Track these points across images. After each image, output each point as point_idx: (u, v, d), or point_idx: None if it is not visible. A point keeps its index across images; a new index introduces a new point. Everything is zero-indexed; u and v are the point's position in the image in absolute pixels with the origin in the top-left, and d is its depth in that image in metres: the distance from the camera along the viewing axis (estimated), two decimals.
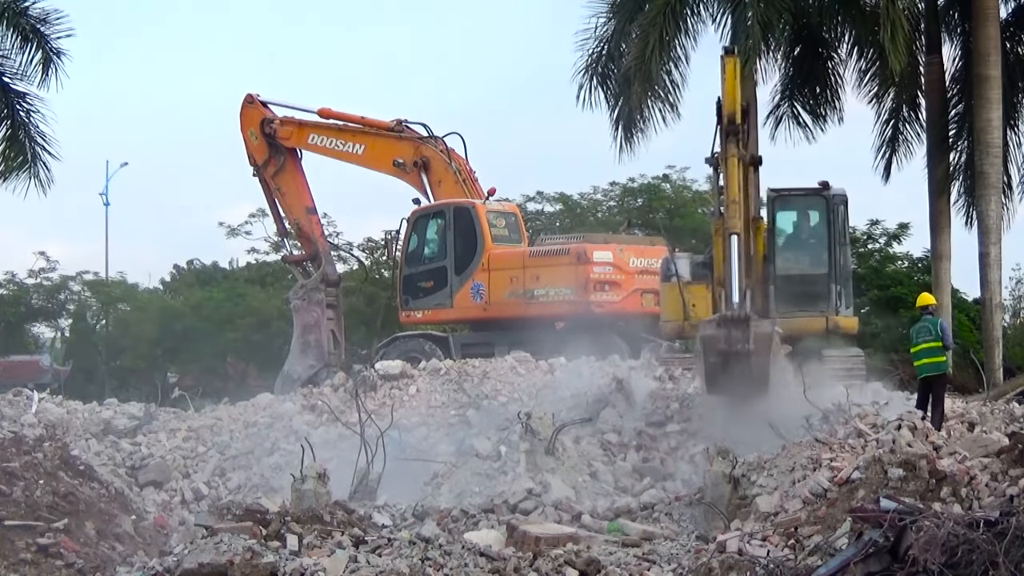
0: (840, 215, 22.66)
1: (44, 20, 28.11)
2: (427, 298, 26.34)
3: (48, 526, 13.35)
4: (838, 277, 22.40)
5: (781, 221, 22.75)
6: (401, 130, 27.23)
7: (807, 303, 22.29)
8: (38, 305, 47.11)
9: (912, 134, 34.00)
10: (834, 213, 22.49)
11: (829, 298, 22.24)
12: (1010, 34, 33.21)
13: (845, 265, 22.77)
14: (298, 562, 11.35)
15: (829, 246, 22.46)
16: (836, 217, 22.50)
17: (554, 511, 15.06)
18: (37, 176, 28.23)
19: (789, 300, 22.29)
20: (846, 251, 23.05)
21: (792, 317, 22.13)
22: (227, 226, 46.22)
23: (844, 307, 22.48)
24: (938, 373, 18.19)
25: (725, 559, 11.18)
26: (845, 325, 22.45)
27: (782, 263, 22.41)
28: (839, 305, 22.29)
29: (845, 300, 22.56)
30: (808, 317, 22.22)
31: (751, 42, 28.98)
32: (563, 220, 44.06)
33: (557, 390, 20.25)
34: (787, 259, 22.57)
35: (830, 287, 22.27)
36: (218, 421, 21.36)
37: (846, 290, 22.63)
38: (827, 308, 22.24)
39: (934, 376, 18.20)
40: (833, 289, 22.27)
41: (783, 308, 22.20)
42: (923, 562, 9.21)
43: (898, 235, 41.60)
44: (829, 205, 22.54)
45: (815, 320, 22.23)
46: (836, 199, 22.63)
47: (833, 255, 22.42)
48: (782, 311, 22.17)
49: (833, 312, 22.21)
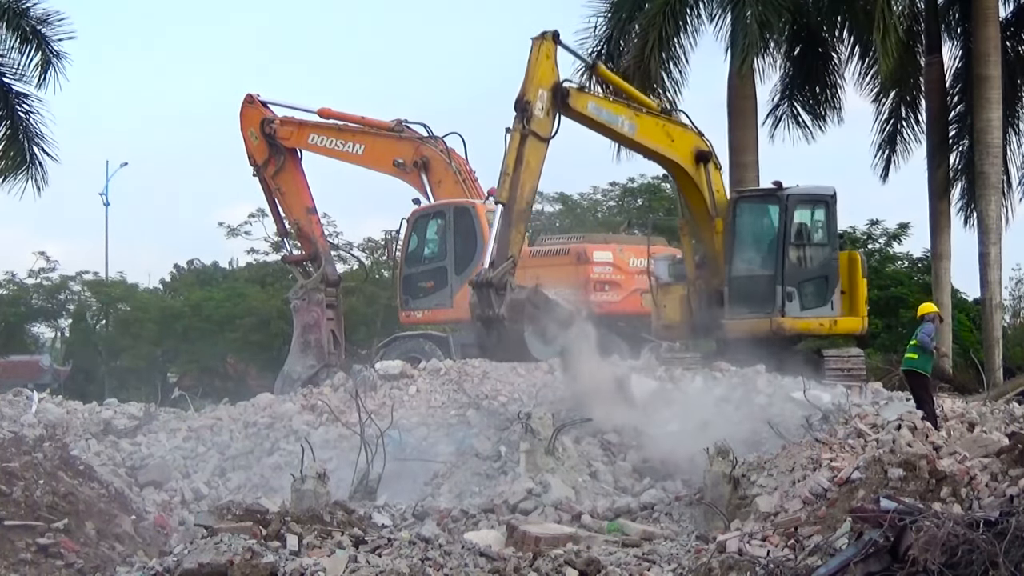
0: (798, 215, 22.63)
1: (45, 21, 28.12)
2: (427, 298, 26.34)
3: (48, 526, 13.34)
4: (786, 278, 22.28)
5: (739, 222, 22.73)
6: (401, 130, 27.21)
7: (756, 305, 22.29)
8: (38, 305, 47.10)
9: (912, 134, 34.07)
10: (787, 214, 22.44)
11: (774, 300, 22.19)
12: (1010, 34, 33.24)
13: (800, 266, 22.60)
14: (298, 562, 11.34)
15: (778, 247, 22.40)
16: (789, 218, 22.44)
17: (554, 511, 15.06)
18: (34, 177, 28.26)
19: (741, 301, 22.33)
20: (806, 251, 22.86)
21: (743, 319, 22.20)
22: (227, 226, 46.27)
23: (799, 308, 22.33)
24: (907, 369, 18.13)
25: (725, 559, 11.17)
26: (791, 327, 22.32)
27: (737, 264, 22.44)
28: (784, 307, 22.17)
29: (802, 300, 22.40)
30: (755, 319, 22.25)
31: (749, 41, 29.02)
32: (563, 220, 44.08)
33: (557, 390, 20.24)
34: (741, 260, 22.59)
35: (775, 289, 22.20)
36: (218, 421, 21.34)
37: (801, 291, 22.47)
38: (772, 310, 22.19)
39: (905, 371, 18.22)
40: (779, 291, 22.18)
41: (737, 309, 22.25)
42: (923, 562, 9.21)
43: (898, 235, 41.66)
44: (783, 206, 22.53)
45: (761, 322, 22.24)
46: (791, 199, 22.63)
47: (781, 256, 22.34)
48: (736, 312, 22.23)
49: (778, 314, 22.15)
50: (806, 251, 22.85)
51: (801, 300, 22.38)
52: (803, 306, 22.39)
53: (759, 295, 22.28)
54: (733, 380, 19.81)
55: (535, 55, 20.73)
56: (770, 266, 22.41)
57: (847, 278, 22.96)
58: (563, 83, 20.99)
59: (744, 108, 31.54)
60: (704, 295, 22.62)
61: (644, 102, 22.71)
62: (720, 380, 19.89)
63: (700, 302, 22.61)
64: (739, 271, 22.41)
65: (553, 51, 20.97)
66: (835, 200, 23.00)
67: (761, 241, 22.77)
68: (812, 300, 22.57)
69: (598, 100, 21.86)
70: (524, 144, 20.41)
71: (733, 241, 22.46)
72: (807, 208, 22.94)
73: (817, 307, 22.57)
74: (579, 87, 21.31)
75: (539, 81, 20.56)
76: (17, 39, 28.05)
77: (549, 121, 20.73)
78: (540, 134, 20.43)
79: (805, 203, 22.94)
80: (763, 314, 22.19)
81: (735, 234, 22.53)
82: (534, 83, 20.52)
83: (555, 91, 20.69)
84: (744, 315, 22.23)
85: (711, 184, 22.17)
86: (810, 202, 23.02)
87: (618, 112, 21.84)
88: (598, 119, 21.62)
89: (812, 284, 22.72)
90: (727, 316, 22.35)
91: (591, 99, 21.71)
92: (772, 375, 19.93)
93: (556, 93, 20.70)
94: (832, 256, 22.89)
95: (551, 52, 20.90)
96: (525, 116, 20.29)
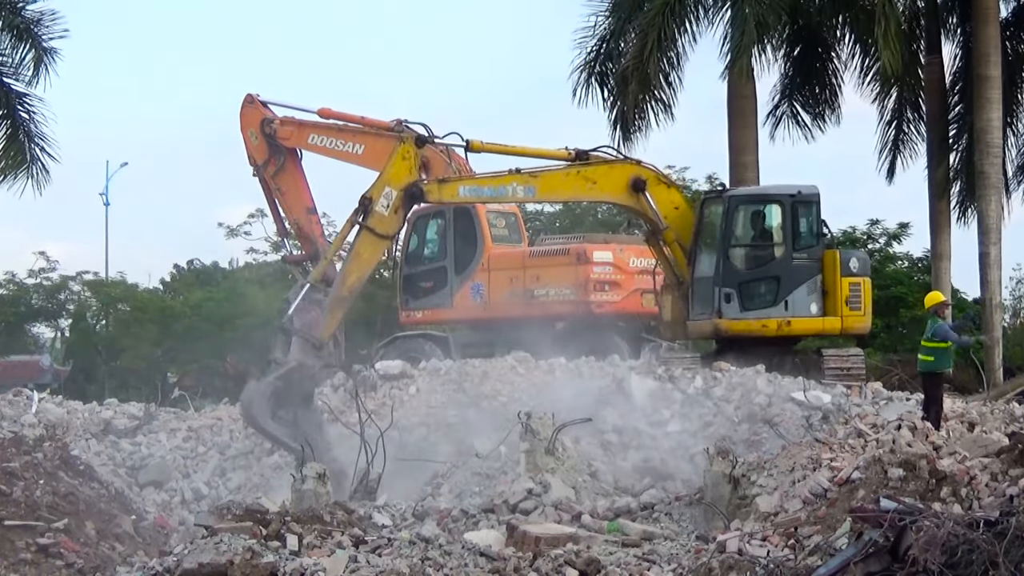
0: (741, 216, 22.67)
1: (38, 20, 28.15)
2: (427, 298, 26.34)
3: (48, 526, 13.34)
4: (725, 280, 22.31)
5: (703, 225, 22.77)
6: (401, 130, 27.17)
7: (702, 307, 22.41)
8: (38, 305, 47.11)
9: (915, 135, 34.08)
10: (728, 215, 22.50)
11: (712, 301, 22.26)
12: (1010, 34, 33.25)
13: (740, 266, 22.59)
14: (298, 562, 11.34)
15: (719, 249, 22.47)
16: (730, 219, 22.50)
17: (554, 511, 15.06)
18: (34, 176, 28.27)
19: (698, 303, 22.45)
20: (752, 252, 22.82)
21: (695, 321, 22.37)
22: (227, 226, 46.27)
23: (738, 310, 22.32)
24: (926, 371, 18.14)
25: (725, 559, 11.17)
26: (728, 328, 22.34)
27: (696, 266, 22.56)
28: (722, 308, 22.21)
29: (741, 302, 22.40)
30: (699, 321, 22.37)
31: (746, 40, 29.06)
32: (563, 220, 44.07)
33: (557, 390, 20.25)
34: (698, 262, 22.67)
35: (713, 290, 22.27)
36: (218, 421, 21.36)
37: (742, 293, 22.47)
38: (711, 311, 22.26)
39: (923, 373, 18.21)
40: (716, 292, 22.25)
41: (696, 311, 22.40)
42: (923, 562, 9.21)
43: (898, 235, 41.66)
44: (726, 207, 22.60)
45: (704, 324, 22.35)
46: (732, 200, 22.72)
47: (720, 258, 22.40)
48: (695, 314, 22.38)
49: (715, 315, 22.21)
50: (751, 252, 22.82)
51: (742, 301, 22.37)
52: (744, 307, 22.35)
53: (704, 297, 22.40)
54: (733, 380, 19.82)
55: (390, 157, 20.32)
56: (710, 268, 22.49)
57: (832, 277, 22.83)
58: (416, 183, 20.09)
59: (744, 108, 31.55)
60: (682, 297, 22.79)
61: (549, 155, 21.59)
62: (720, 380, 19.90)
63: (683, 304, 22.78)
64: (695, 273, 22.55)
65: (412, 152, 20.32)
66: (800, 200, 22.82)
67: (708, 243, 22.82)
68: (758, 301, 22.50)
69: (471, 181, 20.79)
70: (359, 236, 20.07)
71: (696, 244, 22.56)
72: (757, 208, 22.94)
73: (764, 307, 22.50)
74: (440, 180, 20.15)
75: (387, 180, 20.03)
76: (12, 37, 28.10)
77: (395, 220, 19.99)
78: (377, 230, 19.86)
79: (753, 203, 22.97)
80: (704, 316, 22.32)
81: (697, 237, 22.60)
82: (382, 181, 20.04)
83: (407, 192, 19.92)
84: (696, 316, 22.41)
85: (654, 206, 21.89)
86: (760, 202, 23.04)
87: (504, 183, 20.79)
88: (480, 199, 21.06)
89: (761, 284, 22.63)
90: (691, 317, 22.55)
91: (461, 183, 20.63)
92: (772, 375, 19.94)
93: (408, 194, 19.94)
94: (787, 256, 22.71)
95: (409, 153, 20.31)
96: (365, 211, 19.85)
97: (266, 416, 18.19)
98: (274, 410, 18.26)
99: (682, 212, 22.45)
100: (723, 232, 22.49)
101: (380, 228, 19.91)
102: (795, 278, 22.56)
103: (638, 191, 21.62)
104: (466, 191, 20.79)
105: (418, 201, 20.36)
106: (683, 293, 22.59)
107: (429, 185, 20.19)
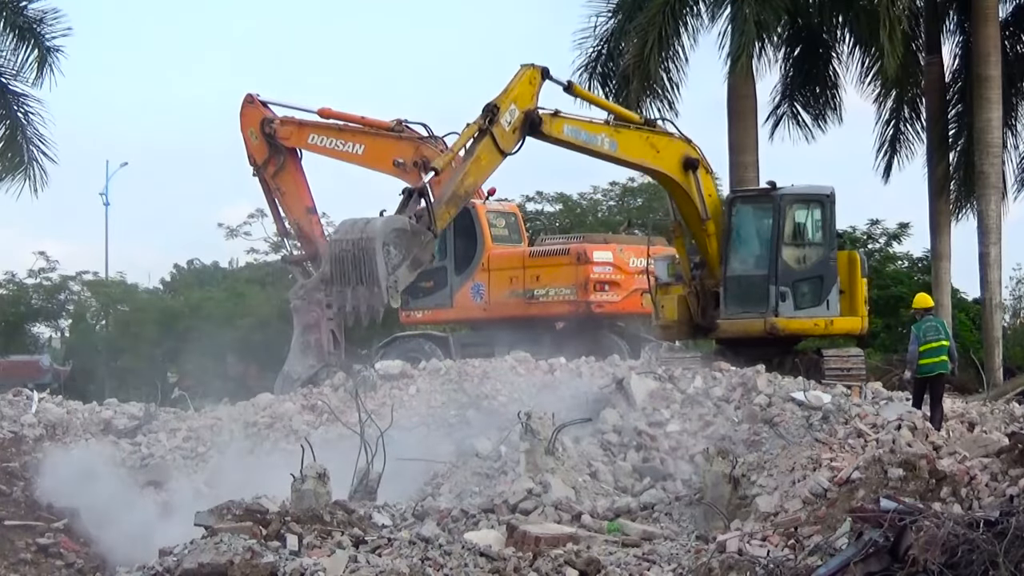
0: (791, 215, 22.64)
1: (40, 20, 28.12)
2: (427, 298, 26.34)
3: (48, 526, 13.35)
4: (779, 278, 22.32)
5: (735, 223, 22.76)
6: (401, 130, 27.17)
7: (751, 305, 22.34)
8: (38, 305, 47.12)
9: (913, 134, 34.08)
10: (780, 213, 22.48)
11: (768, 300, 22.23)
12: (1010, 34, 33.25)
13: (796, 265, 22.61)
14: (298, 562, 11.34)
15: (772, 247, 22.44)
16: (781, 217, 22.47)
17: (554, 511, 15.04)
18: (32, 178, 28.24)
19: (736, 302, 22.38)
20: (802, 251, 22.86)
21: (737, 319, 22.27)
22: (227, 226, 46.28)
23: (792, 308, 22.35)
24: (942, 372, 18.22)
25: (725, 559, 11.17)
26: (784, 327, 22.35)
27: (732, 264, 22.48)
28: (778, 307, 22.22)
29: (794, 301, 22.42)
30: (749, 319, 22.30)
31: (746, 40, 29.06)
32: (563, 220, 44.07)
33: (557, 390, 20.24)
34: (736, 260, 22.62)
35: (769, 289, 22.25)
36: (218, 421, 21.35)
37: (795, 291, 22.49)
38: (766, 310, 22.23)
39: (938, 375, 18.23)
40: (772, 291, 22.23)
41: (732, 309, 22.31)
42: (923, 562, 9.21)
43: (898, 235, 41.65)
44: (776, 206, 22.55)
45: (755, 322, 22.29)
46: (784, 199, 22.66)
47: (775, 256, 22.38)
48: (731, 312, 22.29)
49: (772, 314, 22.20)
50: (805, 251, 22.83)
51: (795, 300, 22.37)
52: (797, 306, 22.38)
53: (754, 295, 22.31)
54: (733, 380, 19.80)
55: (519, 77, 20.56)
56: (763, 266, 22.43)
57: (846, 278, 22.95)
58: (537, 110, 20.66)
59: (744, 108, 31.54)
60: (702, 296, 22.64)
61: (626, 115, 22.45)
62: (720, 380, 19.88)
63: (698, 303, 22.63)
64: (734, 271, 22.45)
65: (538, 80, 20.72)
66: (832, 200, 22.97)
67: (755, 241, 22.78)
68: (807, 300, 22.55)
69: (575, 122, 21.48)
70: (479, 140, 20.18)
71: (728, 242, 22.48)
72: (803, 208, 22.94)
73: (812, 307, 22.56)
74: (553, 112, 20.86)
75: (514, 98, 20.37)
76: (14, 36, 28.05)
77: (512, 137, 20.40)
78: (499, 142, 20.16)
79: (800, 203, 22.94)
80: (757, 314, 22.22)
81: (732, 235, 22.54)
82: (509, 97, 20.32)
83: (527, 116, 20.44)
84: (739, 315, 22.28)
85: (701, 190, 22.06)
86: (805, 202, 23.02)
87: (596, 131, 21.53)
88: (576, 141, 21.36)
89: (808, 284, 22.69)
90: (723, 316, 22.41)
91: (567, 122, 21.27)
92: (772, 375, 19.93)
93: (528, 118, 20.44)
94: (829, 256, 22.85)
95: (536, 79, 20.68)
96: (490, 118, 20.09)
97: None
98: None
99: (714, 203, 22.54)
100: (776, 230, 22.43)
101: (501, 141, 20.28)
102: (832, 277, 22.72)
103: (688, 170, 21.79)
104: (569, 131, 21.25)
105: (535, 129, 20.65)
106: (699, 291, 22.49)
107: (545, 115, 20.80)
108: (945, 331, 18.44)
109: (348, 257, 19.99)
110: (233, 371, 41.57)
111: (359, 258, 19.78)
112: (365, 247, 19.70)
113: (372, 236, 19.66)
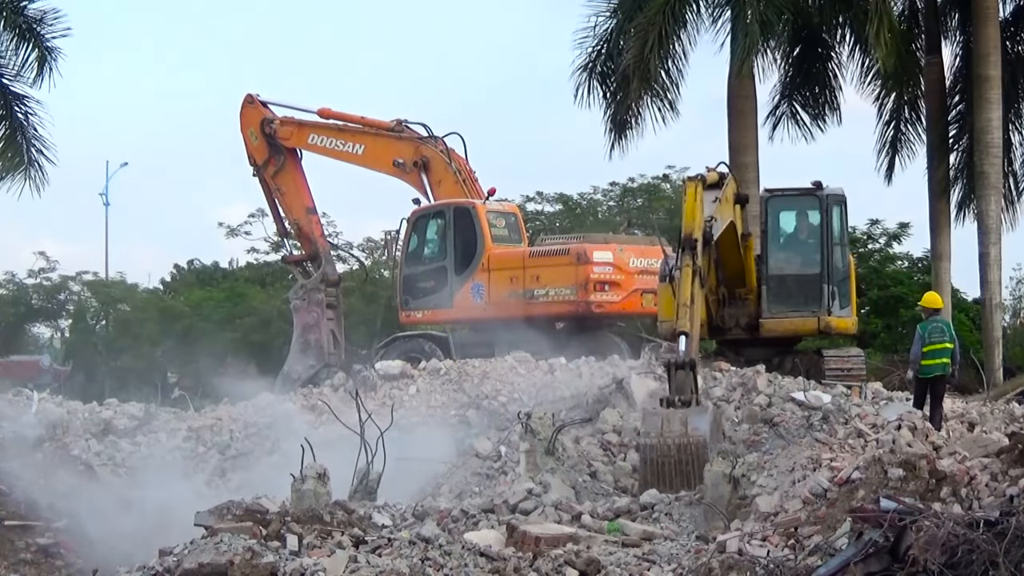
0: (835, 215, 22.66)
1: (40, 19, 28.11)
2: (427, 298, 26.33)
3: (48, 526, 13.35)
4: (831, 277, 22.37)
5: (774, 221, 22.76)
6: (401, 130, 27.23)
7: (799, 303, 22.32)
8: (38, 305, 47.16)
9: (914, 135, 34.07)
10: (827, 213, 22.50)
11: (821, 299, 22.24)
12: (1010, 34, 33.24)
13: (840, 265, 22.70)
14: (298, 562, 11.33)
15: (822, 246, 22.45)
16: (830, 217, 22.50)
17: (554, 511, 15.04)
18: (32, 178, 28.23)
19: (781, 300, 22.34)
20: (843, 251, 23.01)
21: (784, 317, 22.22)
22: (227, 226, 46.30)
23: (839, 307, 22.42)
24: (945, 373, 18.23)
25: (725, 559, 11.16)
26: (838, 326, 22.41)
27: (774, 263, 22.45)
28: (831, 305, 22.26)
29: (840, 300, 22.50)
30: (800, 318, 22.28)
31: (749, 41, 29.04)
32: (563, 220, 44.07)
33: (557, 390, 20.24)
34: (779, 259, 22.61)
35: (822, 288, 22.27)
36: (218, 421, 21.36)
37: (841, 290, 22.57)
38: (819, 309, 22.25)
39: (940, 376, 18.24)
40: (825, 290, 22.26)
41: (775, 308, 22.27)
42: (923, 562, 9.21)
43: (898, 235, 41.64)
44: (823, 205, 22.55)
45: (807, 321, 22.28)
46: (830, 199, 22.64)
47: (826, 255, 22.40)
48: (774, 311, 22.26)
49: (825, 312, 22.22)
50: (844, 251, 23.06)
51: (840, 300, 22.52)
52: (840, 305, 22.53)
53: (804, 294, 22.34)
54: (733, 380, 19.81)
55: (691, 196, 18.95)
56: (813, 265, 22.45)
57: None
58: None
59: (744, 108, 31.52)
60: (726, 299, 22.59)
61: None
62: (720, 380, 19.89)
63: (720, 305, 22.58)
64: (779, 270, 22.45)
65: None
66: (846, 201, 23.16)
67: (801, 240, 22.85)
68: (846, 300, 22.73)
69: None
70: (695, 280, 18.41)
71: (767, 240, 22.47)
72: (841, 208, 23.01)
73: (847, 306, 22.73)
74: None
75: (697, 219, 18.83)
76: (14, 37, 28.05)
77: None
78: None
79: (841, 203, 22.98)
80: (809, 313, 22.23)
81: (770, 233, 22.55)
82: (694, 221, 18.70)
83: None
84: (786, 313, 22.28)
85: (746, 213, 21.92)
86: (839, 203, 23.06)
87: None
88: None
89: (847, 284, 22.88)
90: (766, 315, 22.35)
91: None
92: (772, 375, 19.93)
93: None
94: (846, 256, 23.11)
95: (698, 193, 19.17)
96: (693, 252, 18.37)
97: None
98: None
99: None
100: (826, 229, 22.43)
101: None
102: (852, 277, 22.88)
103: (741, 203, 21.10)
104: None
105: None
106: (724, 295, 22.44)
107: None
108: (951, 333, 18.42)
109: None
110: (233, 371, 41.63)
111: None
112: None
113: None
